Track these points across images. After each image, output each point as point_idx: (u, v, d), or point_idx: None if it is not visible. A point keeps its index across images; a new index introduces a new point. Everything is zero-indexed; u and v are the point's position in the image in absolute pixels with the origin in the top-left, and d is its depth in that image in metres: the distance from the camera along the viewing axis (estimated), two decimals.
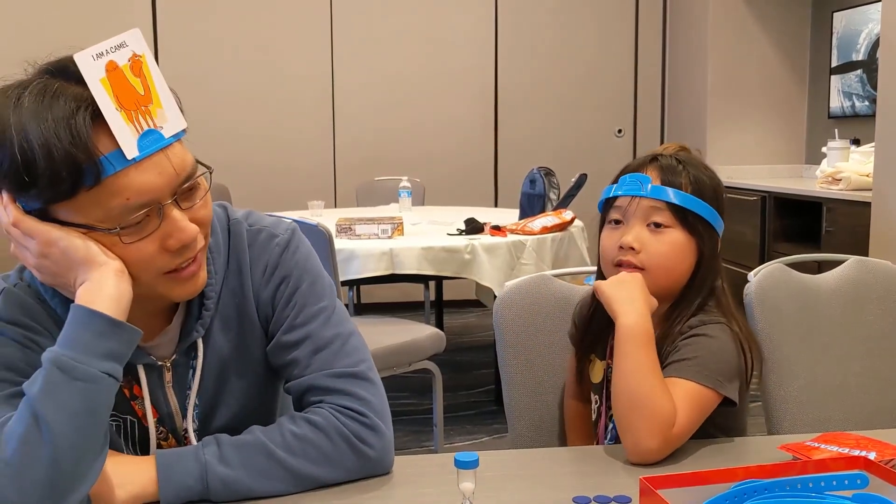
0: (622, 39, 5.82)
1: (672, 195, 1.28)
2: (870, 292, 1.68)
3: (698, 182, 1.30)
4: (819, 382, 1.62)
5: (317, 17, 5.45)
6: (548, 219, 3.46)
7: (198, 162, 1.00)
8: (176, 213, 0.96)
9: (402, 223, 3.38)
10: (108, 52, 0.91)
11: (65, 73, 0.92)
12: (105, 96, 0.90)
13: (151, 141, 0.93)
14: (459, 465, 0.89)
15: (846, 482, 0.90)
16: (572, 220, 3.51)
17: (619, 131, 5.84)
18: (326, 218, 3.62)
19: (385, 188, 4.87)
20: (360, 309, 5.07)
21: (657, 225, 1.28)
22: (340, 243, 3.07)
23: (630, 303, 1.23)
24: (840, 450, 1.06)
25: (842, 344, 1.65)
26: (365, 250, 3.06)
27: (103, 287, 0.93)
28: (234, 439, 1.03)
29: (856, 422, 1.60)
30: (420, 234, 3.38)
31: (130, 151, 0.91)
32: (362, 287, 4.97)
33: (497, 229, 3.36)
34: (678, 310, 1.29)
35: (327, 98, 5.52)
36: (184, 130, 0.98)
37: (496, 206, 5.63)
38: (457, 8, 5.59)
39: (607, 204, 1.35)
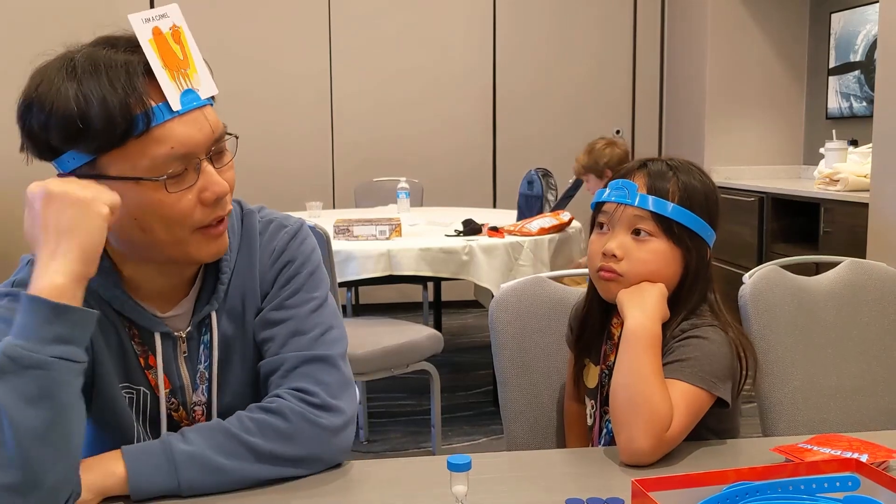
0: (620, 40, 5.82)
1: (655, 205, 1.26)
2: (865, 294, 1.68)
3: (688, 189, 1.28)
4: (814, 384, 1.62)
5: (315, 17, 5.45)
6: (545, 220, 3.47)
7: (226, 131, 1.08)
8: (210, 168, 1.04)
9: (399, 224, 3.38)
10: (153, 19, 1.01)
11: (110, 43, 1.01)
12: (153, 54, 0.99)
13: (190, 99, 1.02)
14: (452, 467, 0.89)
15: (838, 484, 0.90)
16: (570, 222, 3.51)
17: (618, 132, 5.84)
18: (324, 219, 3.62)
19: (383, 189, 4.87)
20: (359, 310, 5.07)
21: (641, 233, 1.28)
22: (338, 244, 3.07)
23: (640, 306, 1.23)
24: (832, 452, 1.06)
25: (837, 346, 1.65)
26: (363, 251, 3.06)
27: (47, 269, 0.94)
28: (195, 426, 1.06)
29: (850, 424, 1.61)
30: (418, 235, 3.39)
31: (175, 104, 1.00)
32: (360, 288, 4.97)
33: (495, 230, 3.36)
34: (669, 321, 1.28)
35: (325, 99, 5.53)
36: (214, 97, 1.06)
37: (495, 206, 5.63)
38: (455, 9, 5.59)
39: (597, 207, 1.34)
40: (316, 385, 1.10)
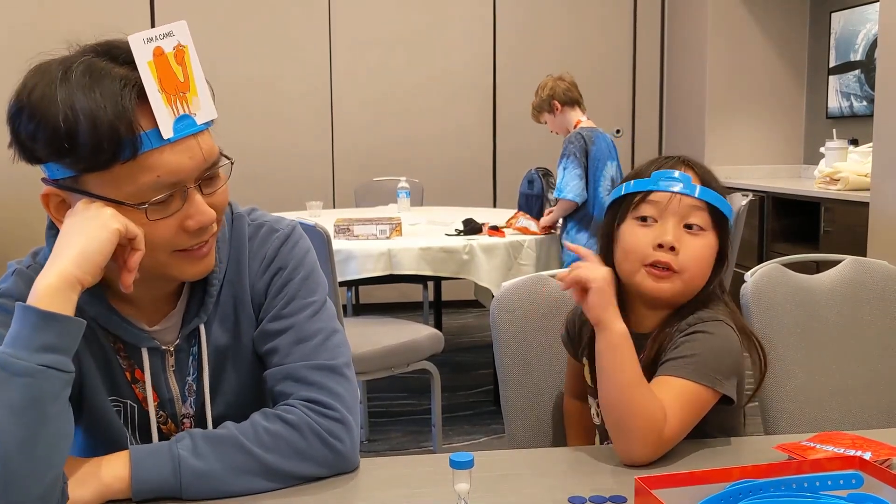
0: (620, 40, 5.82)
1: (712, 197, 1.25)
2: (867, 292, 1.67)
3: (720, 189, 1.27)
4: (816, 382, 1.62)
5: (315, 17, 5.45)
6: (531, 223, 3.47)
7: (221, 154, 1.05)
8: (198, 197, 1.01)
9: (400, 223, 3.38)
10: (156, 39, 0.98)
11: (111, 54, 0.97)
12: (150, 77, 0.96)
13: (185, 125, 0.98)
14: (455, 465, 0.89)
15: (841, 482, 0.90)
16: (546, 231, 3.51)
17: (618, 131, 5.84)
18: (325, 218, 3.62)
19: (384, 188, 4.87)
20: (359, 309, 5.07)
21: (693, 226, 1.24)
22: (339, 244, 3.07)
23: (603, 310, 1.16)
24: (835, 449, 1.06)
25: (838, 344, 1.65)
26: (363, 251, 3.06)
27: (46, 270, 0.94)
28: (208, 433, 1.03)
29: (852, 422, 1.61)
30: (418, 235, 3.38)
31: (167, 132, 0.96)
32: (361, 287, 4.97)
33: (495, 230, 3.36)
34: (678, 314, 1.27)
35: (326, 98, 5.52)
36: (213, 120, 1.03)
37: (495, 206, 5.63)
38: (456, 8, 5.59)
39: (631, 199, 1.27)
40: (330, 396, 1.08)
